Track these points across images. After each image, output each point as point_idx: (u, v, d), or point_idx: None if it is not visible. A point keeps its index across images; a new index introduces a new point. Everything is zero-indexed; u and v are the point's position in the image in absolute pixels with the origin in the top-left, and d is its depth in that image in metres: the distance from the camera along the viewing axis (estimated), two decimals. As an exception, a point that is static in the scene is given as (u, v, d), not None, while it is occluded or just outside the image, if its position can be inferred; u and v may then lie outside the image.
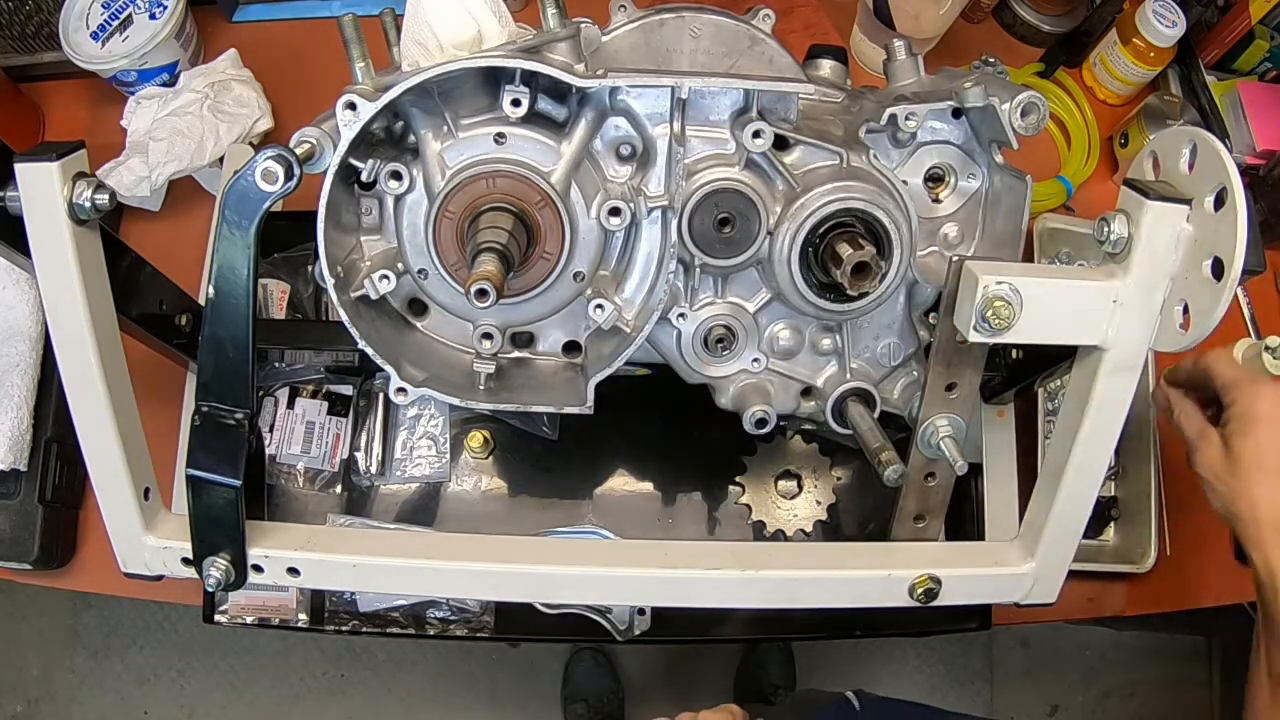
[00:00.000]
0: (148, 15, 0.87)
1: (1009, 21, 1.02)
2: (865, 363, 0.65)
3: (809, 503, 0.81)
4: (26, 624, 1.70)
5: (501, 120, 0.54)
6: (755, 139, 0.54)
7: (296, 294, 0.84)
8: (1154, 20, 0.90)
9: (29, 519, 0.78)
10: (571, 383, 0.63)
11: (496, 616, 0.78)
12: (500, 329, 0.61)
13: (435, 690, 1.66)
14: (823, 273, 0.58)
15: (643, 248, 0.60)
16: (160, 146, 0.83)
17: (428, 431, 0.81)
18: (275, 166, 0.47)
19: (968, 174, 0.61)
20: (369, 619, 0.78)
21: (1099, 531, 0.85)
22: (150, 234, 0.90)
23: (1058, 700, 1.69)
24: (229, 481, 0.53)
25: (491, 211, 0.55)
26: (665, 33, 0.60)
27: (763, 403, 0.63)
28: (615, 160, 0.58)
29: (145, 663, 1.68)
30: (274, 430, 0.80)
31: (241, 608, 0.77)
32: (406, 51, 0.53)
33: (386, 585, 0.63)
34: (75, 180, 0.51)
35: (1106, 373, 0.53)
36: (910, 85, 0.62)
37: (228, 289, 0.50)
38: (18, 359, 0.80)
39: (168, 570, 0.59)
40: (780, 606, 0.58)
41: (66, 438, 0.80)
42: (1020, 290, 0.50)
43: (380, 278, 0.57)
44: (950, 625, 0.79)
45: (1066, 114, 0.98)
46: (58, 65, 0.92)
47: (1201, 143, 0.49)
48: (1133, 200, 0.50)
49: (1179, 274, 0.51)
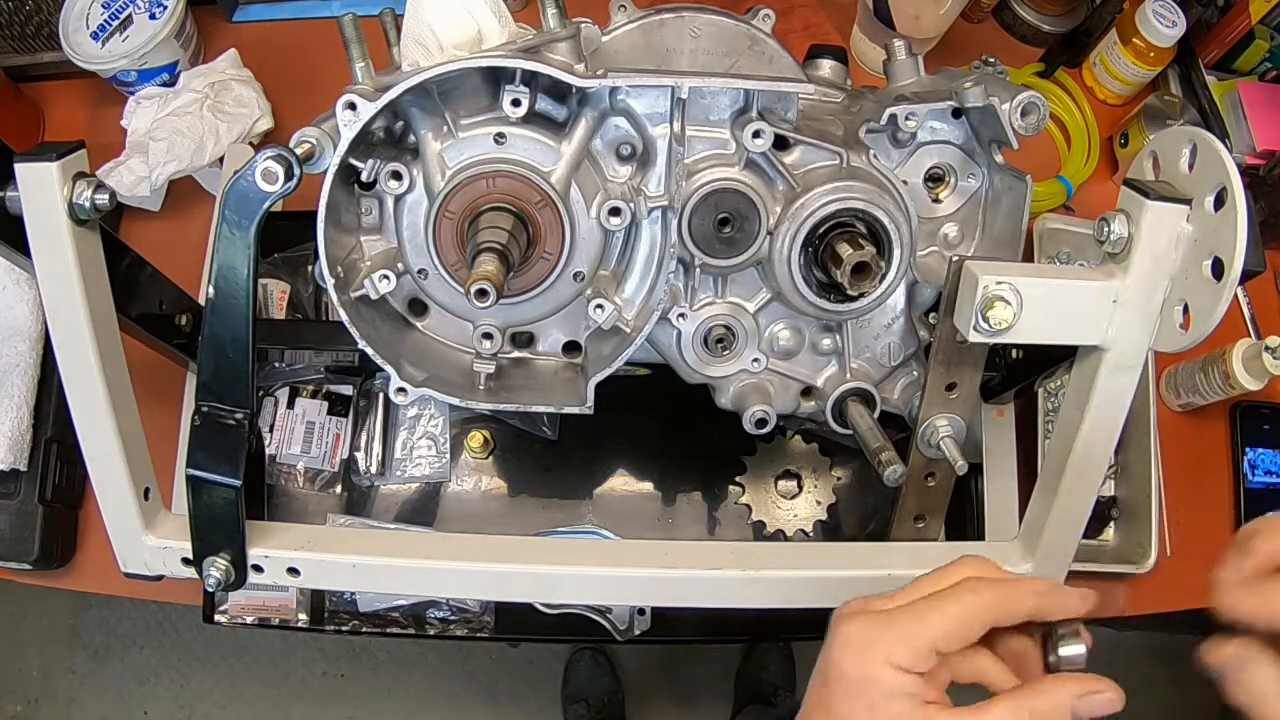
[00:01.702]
0: (148, 15, 0.87)
1: (1009, 21, 1.02)
2: (865, 363, 0.65)
3: (809, 503, 0.81)
4: (26, 624, 1.70)
5: (501, 120, 0.54)
6: (755, 139, 0.54)
7: (296, 294, 0.84)
8: (1154, 20, 0.90)
9: (29, 519, 0.78)
10: (571, 383, 0.63)
11: (496, 616, 0.78)
12: (500, 329, 0.61)
13: (435, 690, 1.66)
14: (823, 273, 0.58)
15: (643, 248, 0.60)
16: (160, 146, 0.83)
17: (428, 431, 0.81)
18: (275, 166, 0.47)
19: (968, 174, 0.61)
20: (369, 619, 0.78)
21: (1099, 531, 0.85)
22: (150, 234, 0.90)
23: (1058, 700, 1.68)
24: (229, 481, 0.53)
25: (491, 211, 0.55)
26: (665, 33, 0.60)
27: (763, 403, 0.63)
28: (615, 160, 0.58)
29: (145, 663, 1.68)
30: (274, 430, 0.80)
31: (241, 608, 0.77)
32: (406, 51, 0.53)
33: (386, 585, 0.63)
34: (75, 180, 0.51)
35: (1106, 373, 0.53)
36: (910, 85, 0.62)
37: (228, 289, 0.50)
38: (18, 359, 0.80)
39: (168, 570, 0.59)
40: (780, 606, 0.58)
41: (66, 438, 0.80)
42: (1020, 290, 0.50)
43: (380, 278, 0.57)
44: (950, 625, 0.78)
45: (1066, 114, 0.98)
46: (58, 65, 0.92)
47: (1201, 143, 0.49)
48: (1133, 200, 0.50)
49: (1179, 274, 0.51)
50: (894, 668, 0.39)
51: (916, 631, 0.39)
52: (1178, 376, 0.88)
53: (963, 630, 0.40)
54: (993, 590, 0.41)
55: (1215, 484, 0.88)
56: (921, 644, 0.39)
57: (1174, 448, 0.87)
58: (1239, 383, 0.80)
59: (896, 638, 0.40)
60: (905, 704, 0.39)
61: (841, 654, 0.40)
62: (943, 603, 0.40)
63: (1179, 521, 0.84)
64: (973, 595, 0.40)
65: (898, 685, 0.39)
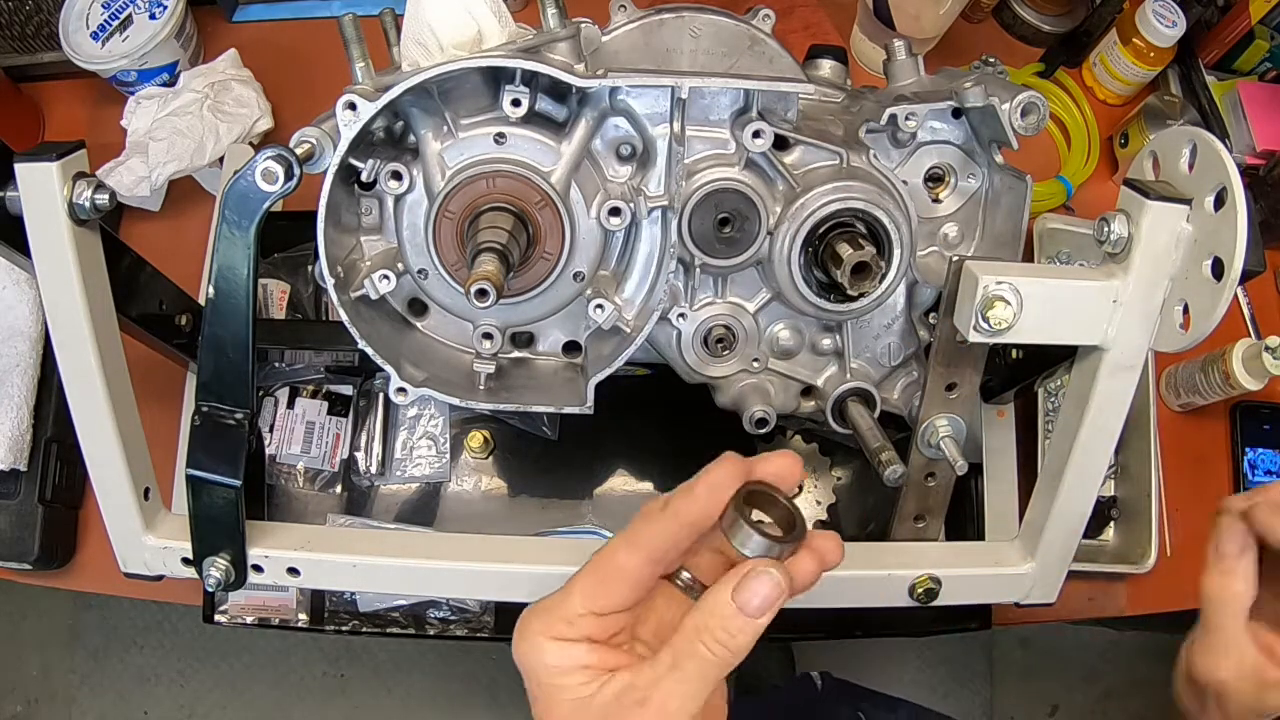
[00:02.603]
0: (148, 15, 0.87)
1: (1009, 21, 1.02)
2: (865, 363, 0.65)
3: (809, 503, 0.81)
4: (26, 624, 1.69)
5: (501, 120, 0.54)
6: (755, 139, 0.54)
7: (296, 294, 0.84)
8: (1154, 20, 0.90)
9: (29, 519, 0.78)
10: (571, 383, 0.63)
11: (496, 616, 0.78)
12: (500, 329, 0.61)
13: (435, 690, 1.66)
14: (823, 273, 0.58)
15: (643, 248, 0.60)
16: (160, 146, 0.83)
17: (428, 431, 0.81)
18: (275, 166, 0.47)
19: (968, 174, 0.61)
20: (369, 619, 0.78)
21: (1099, 531, 0.85)
22: (150, 234, 0.90)
23: (1058, 700, 1.68)
24: (229, 481, 0.53)
25: (491, 211, 0.55)
26: (665, 33, 0.60)
27: (763, 403, 0.63)
28: (615, 160, 0.58)
29: (145, 663, 1.68)
30: (274, 430, 0.80)
31: (241, 608, 0.77)
32: (406, 51, 0.53)
33: (386, 585, 0.63)
34: (75, 180, 0.51)
35: (1106, 373, 0.53)
36: (910, 85, 0.62)
37: (228, 289, 0.50)
38: (18, 359, 0.80)
39: (168, 570, 0.59)
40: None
41: (66, 438, 0.80)
42: (1020, 290, 0.50)
43: (380, 278, 0.57)
44: (950, 625, 0.78)
45: (1066, 114, 0.98)
46: (58, 65, 0.92)
47: (1201, 143, 0.49)
48: (1133, 200, 0.50)
49: (1179, 274, 0.51)
50: (551, 640, 0.38)
51: (559, 602, 0.38)
52: (1178, 376, 0.88)
53: (606, 587, 0.38)
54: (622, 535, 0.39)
55: (1215, 484, 0.88)
56: (567, 612, 0.38)
57: (1174, 448, 0.87)
58: (1239, 383, 0.80)
59: (542, 611, 0.38)
60: (574, 677, 0.37)
61: (514, 643, 0.39)
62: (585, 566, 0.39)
63: (1179, 521, 0.84)
64: (605, 547, 0.39)
65: (560, 659, 0.37)
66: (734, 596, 0.36)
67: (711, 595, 0.37)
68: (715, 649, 0.36)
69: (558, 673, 0.37)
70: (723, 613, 0.36)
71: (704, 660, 0.36)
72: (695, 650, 0.36)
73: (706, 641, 0.36)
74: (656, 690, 0.36)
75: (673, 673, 0.36)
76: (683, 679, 0.36)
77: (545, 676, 0.38)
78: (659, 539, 0.38)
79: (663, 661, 0.37)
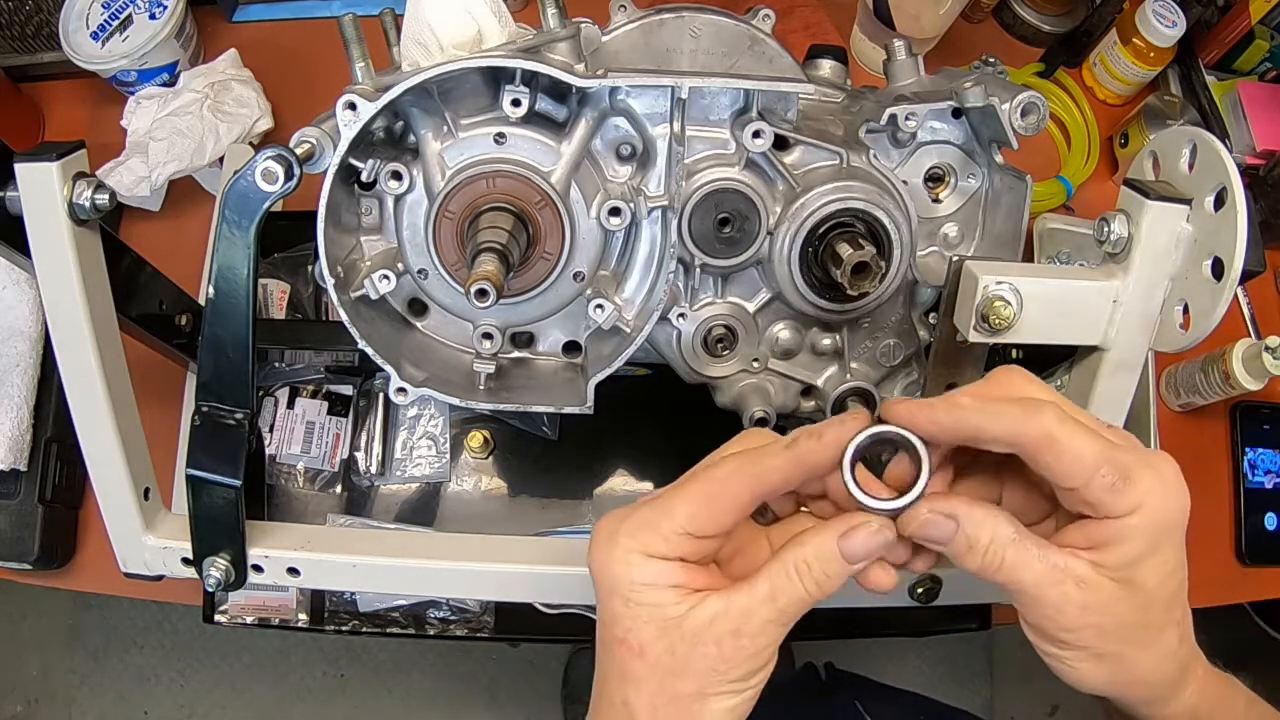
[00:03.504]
0: (148, 15, 0.87)
1: (1009, 21, 1.02)
2: (865, 363, 0.65)
3: (809, 503, 0.81)
4: (26, 624, 1.69)
5: (501, 120, 0.54)
6: (755, 139, 0.54)
7: (296, 294, 0.84)
8: (1154, 20, 0.90)
9: (29, 519, 0.78)
10: (571, 383, 0.63)
11: (496, 616, 0.78)
12: (500, 329, 0.61)
13: (435, 690, 1.66)
14: (823, 273, 0.58)
15: (643, 248, 0.60)
16: (160, 146, 0.83)
17: (428, 431, 0.81)
18: (275, 166, 0.47)
19: (968, 174, 0.61)
20: (369, 619, 0.78)
21: (1099, 531, 0.85)
22: (150, 234, 0.90)
23: (1058, 700, 1.69)
24: (229, 481, 0.53)
25: (491, 211, 0.55)
26: (665, 33, 0.60)
27: (763, 403, 0.63)
28: (615, 160, 0.58)
29: (145, 663, 1.68)
30: (274, 430, 0.80)
31: (241, 608, 0.77)
32: (406, 51, 0.53)
33: (386, 585, 0.63)
34: (75, 180, 0.51)
35: (1107, 373, 0.53)
36: (910, 85, 0.62)
37: (228, 289, 0.50)
38: (18, 359, 0.80)
39: (168, 570, 0.59)
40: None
41: (66, 438, 0.80)
42: (1020, 290, 0.50)
43: (380, 278, 0.57)
44: (950, 625, 0.78)
45: (1066, 114, 0.98)
46: (58, 65, 0.92)
47: (1201, 143, 0.49)
48: (1133, 200, 0.50)
49: (1179, 274, 0.51)
50: (643, 556, 0.37)
51: (657, 517, 0.37)
52: (1178, 376, 0.88)
53: (712, 510, 0.37)
54: (736, 461, 0.38)
55: (1215, 484, 0.88)
56: (665, 528, 0.37)
57: (1174, 448, 0.86)
58: (1239, 383, 0.80)
59: (637, 525, 0.37)
60: (665, 595, 0.36)
61: (592, 554, 0.38)
62: (689, 483, 0.38)
63: (1179, 521, 0.84)
64: (715, 470, 0.38)
65: (650, 574, 0.36)
66: (840, 541, 0.37)
67: (817, 535, 0.37)
68: (810, 586, 0.37)
69: (650, 590, 0.36)
70: (827, 552, 0.37)
71: (798, 597, 0.36)
72: (792, 585, 0.36)
73: (804, 578, 0.36)
74: (750, 621, 0.36)
75: (767, 605, 0.36)
76: (776, 611, 0.36)
77: (632, 593, 0.37)
78: (776, 475, 0.37)
79: (759, 591, 0.36)
